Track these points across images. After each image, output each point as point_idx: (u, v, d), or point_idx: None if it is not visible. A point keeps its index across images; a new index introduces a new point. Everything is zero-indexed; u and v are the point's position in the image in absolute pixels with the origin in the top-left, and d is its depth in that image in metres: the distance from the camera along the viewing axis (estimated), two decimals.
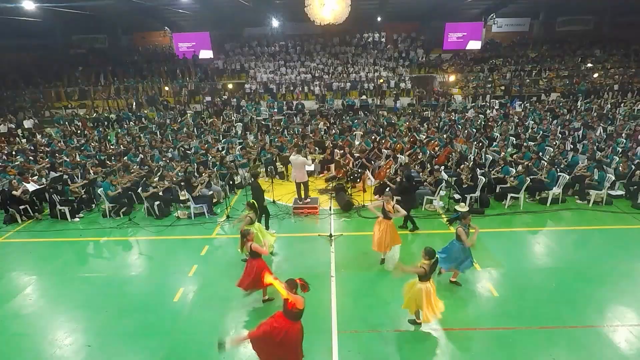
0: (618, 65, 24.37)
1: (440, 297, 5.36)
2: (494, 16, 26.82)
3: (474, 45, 27.82)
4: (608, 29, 27.47)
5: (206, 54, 28.21)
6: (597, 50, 26.06)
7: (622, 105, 18.75)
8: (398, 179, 9.41)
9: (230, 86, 25.27)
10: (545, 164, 9.94)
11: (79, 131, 17.78)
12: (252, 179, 8.57)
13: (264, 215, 8.45)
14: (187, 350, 5.25)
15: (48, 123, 20.58)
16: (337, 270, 6.96)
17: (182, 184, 9.85)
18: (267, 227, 8.41)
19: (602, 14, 27.14)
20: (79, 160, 12.29)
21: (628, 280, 6.43)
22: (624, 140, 12.20)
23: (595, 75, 23.30)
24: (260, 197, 8.24)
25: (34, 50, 26.54)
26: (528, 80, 24.33)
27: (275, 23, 27.03)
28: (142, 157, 12.04)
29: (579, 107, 18.17)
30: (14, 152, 13.81)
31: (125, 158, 12.31)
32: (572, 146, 11.92)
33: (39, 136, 17.02)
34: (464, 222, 6.04)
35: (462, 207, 9.29)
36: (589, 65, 24.55)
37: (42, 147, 14.28)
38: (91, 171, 11.01)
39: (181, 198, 10.03)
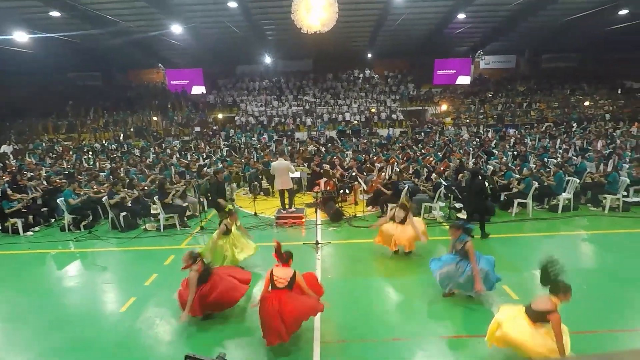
0: (606, 97, 24.62)
1: (452, 304, 4.29)
2: (482, 53, 27.55)
3: (464, 80, 28.24)
4: (593, 66, 28.11)
5: (198, 89, 28.30)
6: (584, 85, 26.49)
7: (617, 130, 18.42)
8: (463, 179, 8.57)
9: (220, 116, 24.95)
10: (551, 169, 9.14)
11: (55, 155, 16.89)
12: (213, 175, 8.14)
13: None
14: None
15: (29, 152, 19.72)
16: (322, 277, 5.84)
17: (154, 192, 8.89)
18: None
19: (586, 52, 27.94)
20: (44, 175, 11.27)
21: None
22: (629, 153, 11.56)
23: (586, 103, 23.38)
24: (215, 193, 8.02)
25: (28, 86, 26.40)
26: (519, 112, 24.36)
27: (267, 60, 27.45)
28: (112, 166, 11.09)
29: (574, 130, 17.80)
30: None
31: (102, 174, 11.35)
32: (575, 155, 11.20)
33: (13, 161, 16.10)
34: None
35: (464, 215, 8.34)
36: (579, 97, 24.76)
37: (11, 168, 13.29)
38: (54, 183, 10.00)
39: (152, 212, 9.01)
